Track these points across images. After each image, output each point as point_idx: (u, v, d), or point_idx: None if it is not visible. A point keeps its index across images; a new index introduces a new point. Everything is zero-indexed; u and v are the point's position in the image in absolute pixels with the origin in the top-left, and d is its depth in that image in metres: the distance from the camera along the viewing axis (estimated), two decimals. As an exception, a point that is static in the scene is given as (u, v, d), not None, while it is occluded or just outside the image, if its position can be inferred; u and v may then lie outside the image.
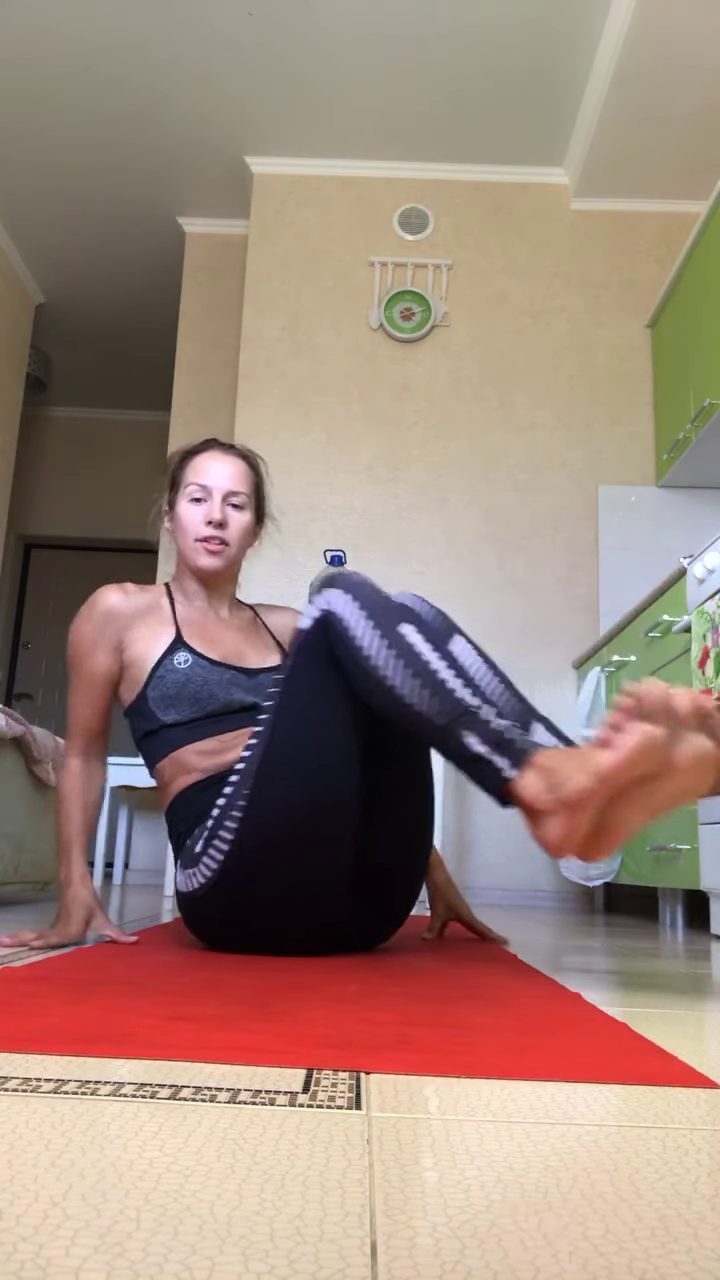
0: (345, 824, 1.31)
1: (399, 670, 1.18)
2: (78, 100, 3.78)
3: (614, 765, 0.98)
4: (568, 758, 1.05)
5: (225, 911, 1.36)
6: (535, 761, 1.08)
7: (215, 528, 1.57)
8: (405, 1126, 0.57)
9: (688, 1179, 0.50)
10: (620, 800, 1.03)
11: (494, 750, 1.11)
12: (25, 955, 1.30)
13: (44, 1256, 0.37)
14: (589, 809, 1.02)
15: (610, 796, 1.02)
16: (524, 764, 1.09)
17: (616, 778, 0.99)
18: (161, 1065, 0.69)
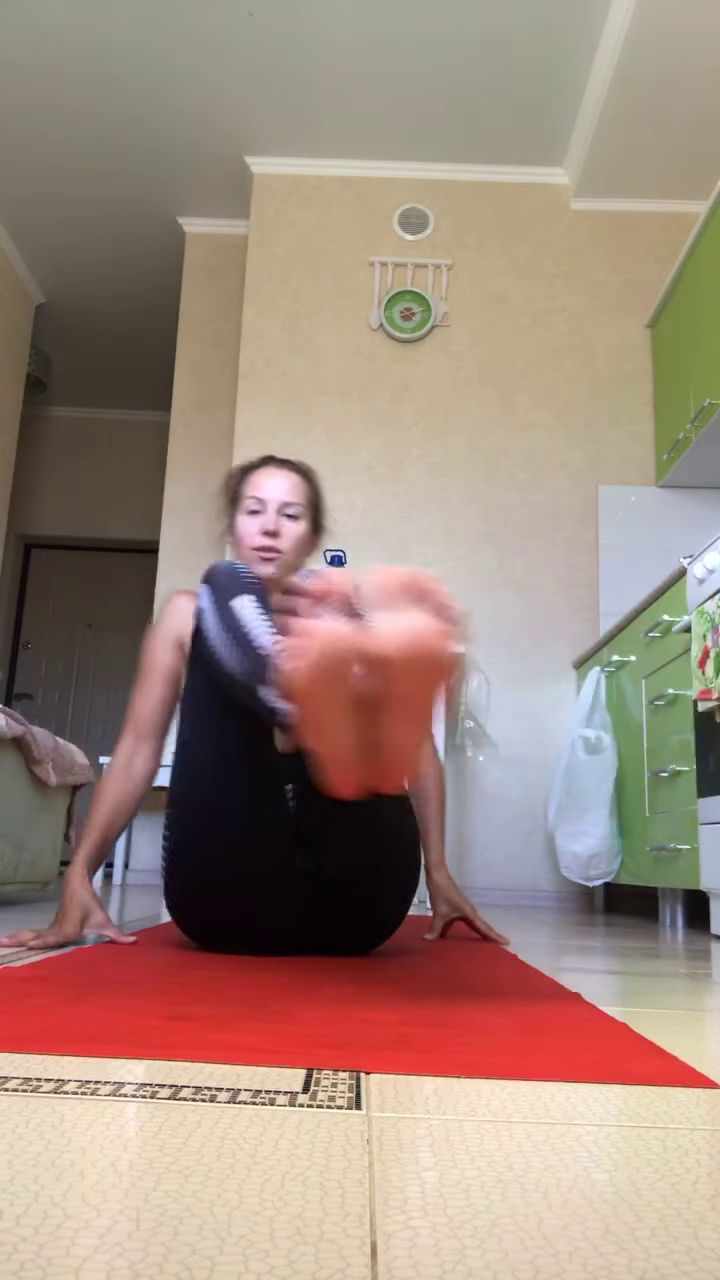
0: (241, 824, 1.32)
1: (225, 642, 1.23)
2: (78, 101, 3.78)
3: (300, 675, 0.96)
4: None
5: (180, 906, 1.42)
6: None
7: (269, 537, 1.62)
8: (405, 1126, 0.57)
9: (688, 1179, 0.50)
10: (367, 711, 1.00)
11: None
12: (25, 955, 1.30)
13: (44, 1256, 0.37)
14: (327, 735, 0.99)
15: (338, 709, 0.99)
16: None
17: (311, 686, 0.97)
18: (161, 1065, 0.69)
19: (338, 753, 1.02)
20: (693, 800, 2.42)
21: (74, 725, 6.12)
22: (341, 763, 1.03)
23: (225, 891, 1.35)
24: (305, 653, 0.97)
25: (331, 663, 0.97)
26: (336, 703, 0.99)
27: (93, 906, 1.46)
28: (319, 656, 0.96)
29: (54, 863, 2.69)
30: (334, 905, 1.38)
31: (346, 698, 1.00)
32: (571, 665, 3.68)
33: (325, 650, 0.96)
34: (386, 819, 1.39)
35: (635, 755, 2.94)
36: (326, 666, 0.97)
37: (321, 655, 0.96)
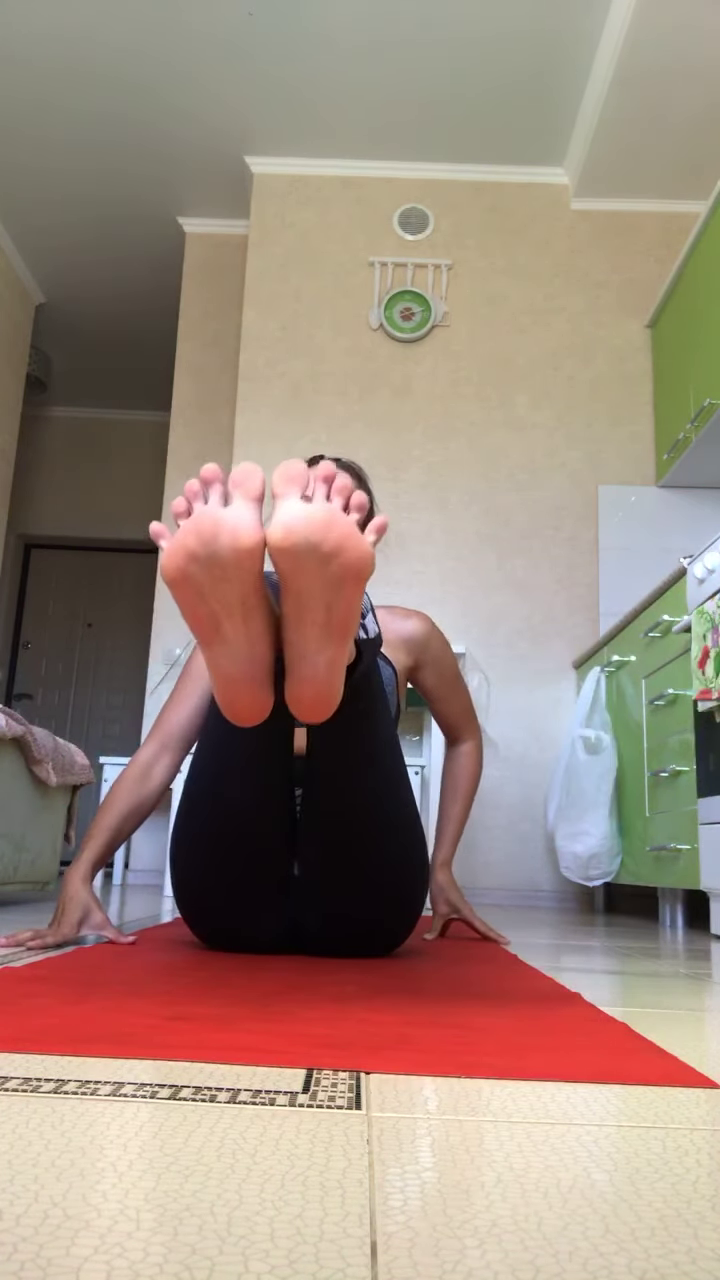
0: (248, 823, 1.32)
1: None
2: (78, 101, 3.78)
3: (170, 557, 0.93)
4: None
5: (184, 902, 1.41)
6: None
7: None
8: (405, 1126, 0.57)
9: (688, 1179, 0.50)
10: (276, 618, 0.98)
11: None
12: (24, 955, 1.30)
13: (44, 1256, 0.37)
14: (217, 643, 0.97)
15: (222, 608, 0.95)
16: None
17: (180, 574, 0.94)
18: (161, 1065, 0.69)
19: (228, 665, 0.98)
20: (693, 800, 2.42)
21: (74, 725, 6.12)
22: (232, 678, 0.99)
23: (219, 890, 1.35)
24: (179, 535, 0.94)
25: (201, 547, 0.92)
26: (219, 600, 0.95)
27: (92, 907, 1.45)
28: (188, 537, 0.93)
29: (54, 863, 2.69)
30: (328, 914, 1.36)
31: (233, 597, 0.95)
32: (571, 665, 3.68)
33: (196, 531, 0.92)
34: (387, 830, 1.35)
35: (635, 755, 2.94)
36: (193, 550, 0.93)
37: (191, 536, 0.92)
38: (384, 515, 1.02)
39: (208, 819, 1.34)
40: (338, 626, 0.99)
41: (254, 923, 1.36)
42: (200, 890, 1.36)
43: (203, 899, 1.37)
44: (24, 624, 6.30)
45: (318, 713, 1.03)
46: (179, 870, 1.39)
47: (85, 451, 6.32)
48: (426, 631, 1.76)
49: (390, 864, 1.35)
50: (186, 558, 0.93)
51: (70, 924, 1.42)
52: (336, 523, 0.94)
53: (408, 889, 1.37)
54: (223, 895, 1.35)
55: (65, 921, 1.42)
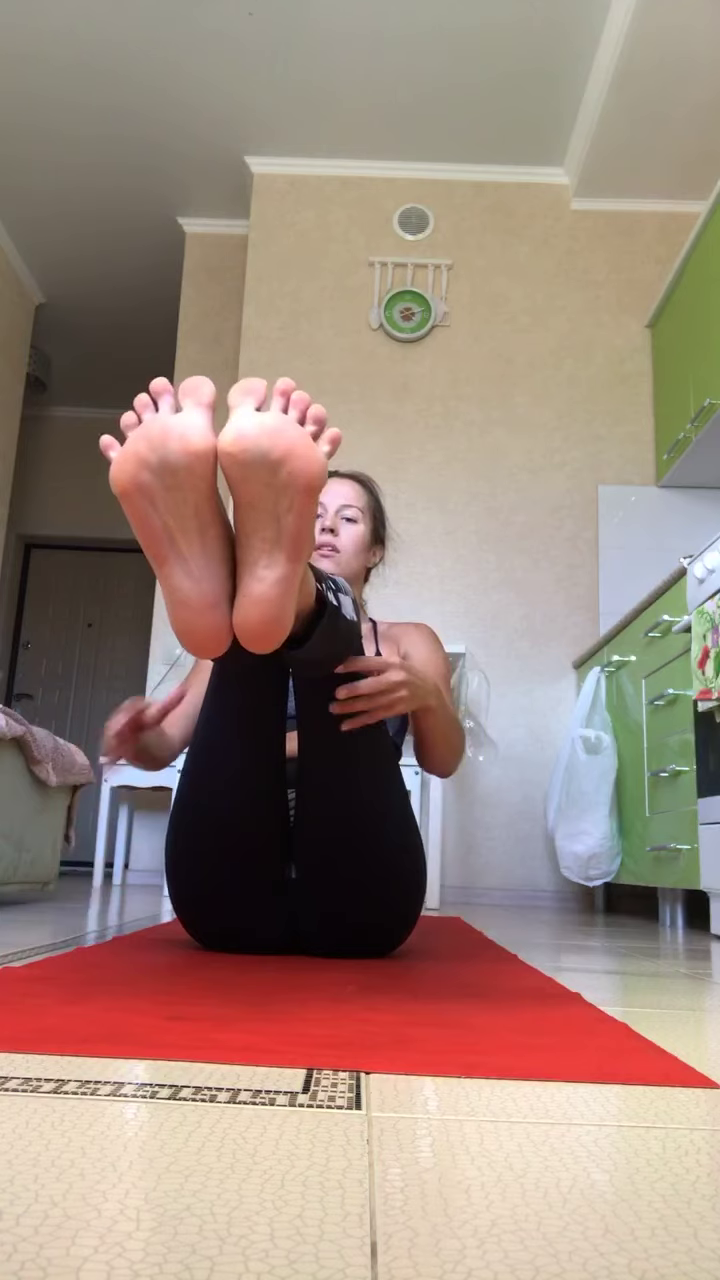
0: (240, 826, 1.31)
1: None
2: (78, 100, 3.78)
3: (113, 472, 0.92)
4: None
5: (180, 903, 1.40)
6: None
7: (327, 534, 1.67)
8: (405, 1126, 0.57)
9: (688, 1179, 0.50)
10: (213, 535, 0.97)
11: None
12: (26, 955, 1.30)
13: (44, 1256, 0.37)
14: (168, 563, 0.95)
15: (173, 520, 0.94)
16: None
17: (127, 486, 0.92)
18: (161, 1065, 0.69)
19: (185, 585, 0.96)
20: (693, 800, 2.42)
21: (74, 725, 6.12)
22: (189, 600, 0.97)
23: (216, 893, 1.34)
24: (129, 442, 0.92)
25: (152, 453, 0.91)
26: (172, 510, 0.94)
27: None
28: (138, 443, 0.92)
29: (54, 863, 2.69)
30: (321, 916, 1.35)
31: (187, 507, 0.94)
32: (571, 665, 3.68)
33: (146, 437, 0.91)
34: (382, 831, 1.34)
35: (635, 755, 2.94)
36: (143, 456, 0.91)
37: (141, 442, 0.91)
38: (336, 429, 1.00)
39: (201, 820, 1.33)
40: (288, 541, 0.96)
41: (251, 925, 1.36)
42: (196, 892, 1.36)
43: (199, 901, 1.37)
44: (24, 624, 6.30)
45: (265, 639, 0.99)
46: (174, 872, 1.38)
47: (85, 451, 6.32)
48: (419, 629, 1.77)
49: (387, 865, 1.34)
50: (137, 464, 0.92)
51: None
52: (287, 431, 0.93)
53: (404, 890, 1.37)
54: (218, 897, 1.34)
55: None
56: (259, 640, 0.99)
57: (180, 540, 0.96)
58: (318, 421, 0.97)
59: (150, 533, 0.95)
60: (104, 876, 4.03)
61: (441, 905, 3.23)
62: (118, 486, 0.94)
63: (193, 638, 1.00)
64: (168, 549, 0.96)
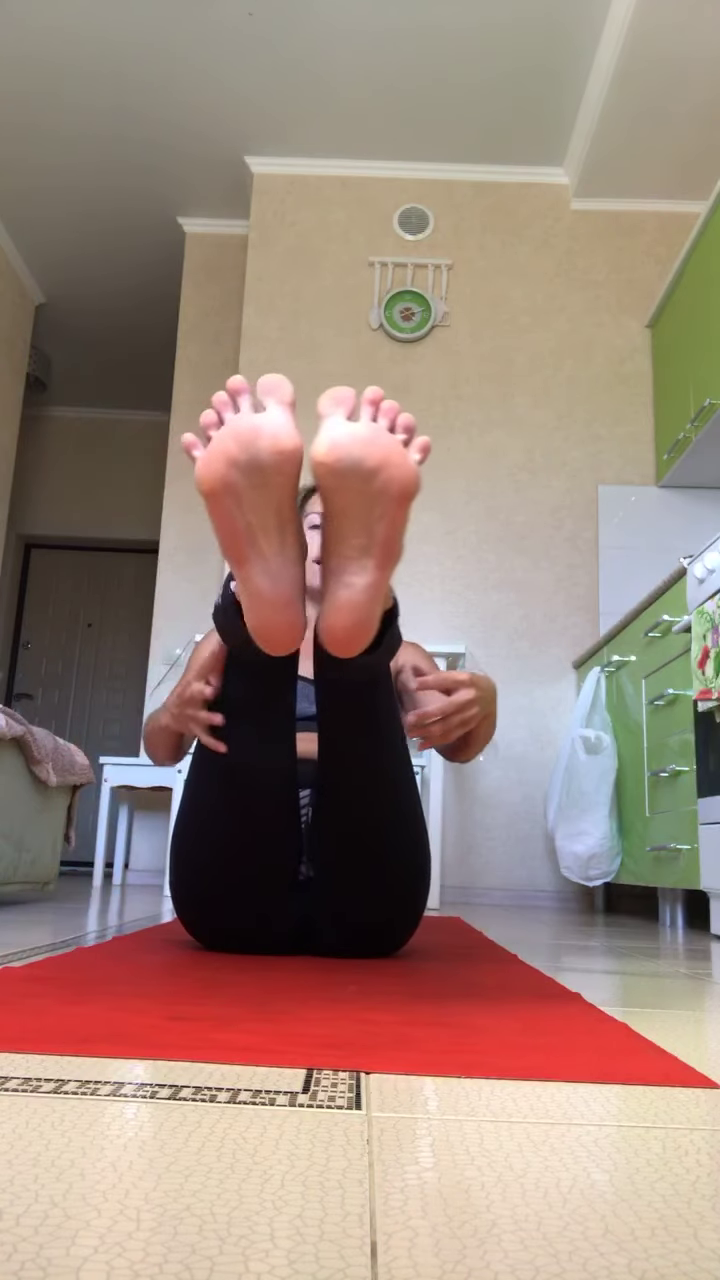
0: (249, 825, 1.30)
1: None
2: (78, 101, 3.78)
3: (201, 471, 0.92)
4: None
5: (183, 904, 1.40)
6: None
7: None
8: (405, 1126, 0.57)
9: (688, 1179, 0.50)
10: (305, 543, 0.96)
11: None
12: (26, 955, 1.30)
13: (44, 1256, 0.37)
14: (248, 562, 0.94)
15: (256, 520, 0.93)
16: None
17: (215, 485, 0.92)
18: (161, 1065, 0.69)
19: (264, 583, 0.96)
20: (693, 800, 2.42)
21: (74, 725, 6.12)
22: (268, 598, 0.96)
23: (225, 894, 1.34)
24: (218, 440, 0.92)
25: (241, 452, 0.91)
26: (255, 510, 0.93)
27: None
28: (228, 442, 0.91)
29: (54, 863, 2.69)
30: (334, 914, 1.35)
31: (270, 506, 0.93)
32: (571, 665, 3.68)
33: (235, 435, 0.91)
34: (398, 831, 1.34)
35: (635, 755, 2.94)
36: (233, 455, 0.91)
37: (230, 441, 0.91)
38: (425, 437, 1.01)
39: (209, 819, 1.33)
40: (379, 548, 0.97)
41: (260, 923, 1.36)
42: (203, 891, 1.36)
43: (205, 899, 1.36)
44: (24, 624, 6.30)
45: (351, 643, 1.00)
46: (181, 870, 1.38)
47: (85, 451, 6.32)
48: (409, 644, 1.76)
49: (401, 863, 1.35)
50: (227, 464, 0.92)
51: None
52: (381, 440, 0.93)
53: (416, 889, 1.38)
54: (226, 894, 1.34)
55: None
56: (345, 645, 1.00)
57: (261, 539, 0.96)
58: (407, 430, 0.97)
59: (233, 532, 0.96)
60: (104, 876, 4.03)
61: (441, 905, 3.23)
62: (205, 485, 0.94)
63: (270, 635, 1.00)
64: (248, 548, 0.96)
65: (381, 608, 1.02)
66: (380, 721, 1.29)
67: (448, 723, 1.23)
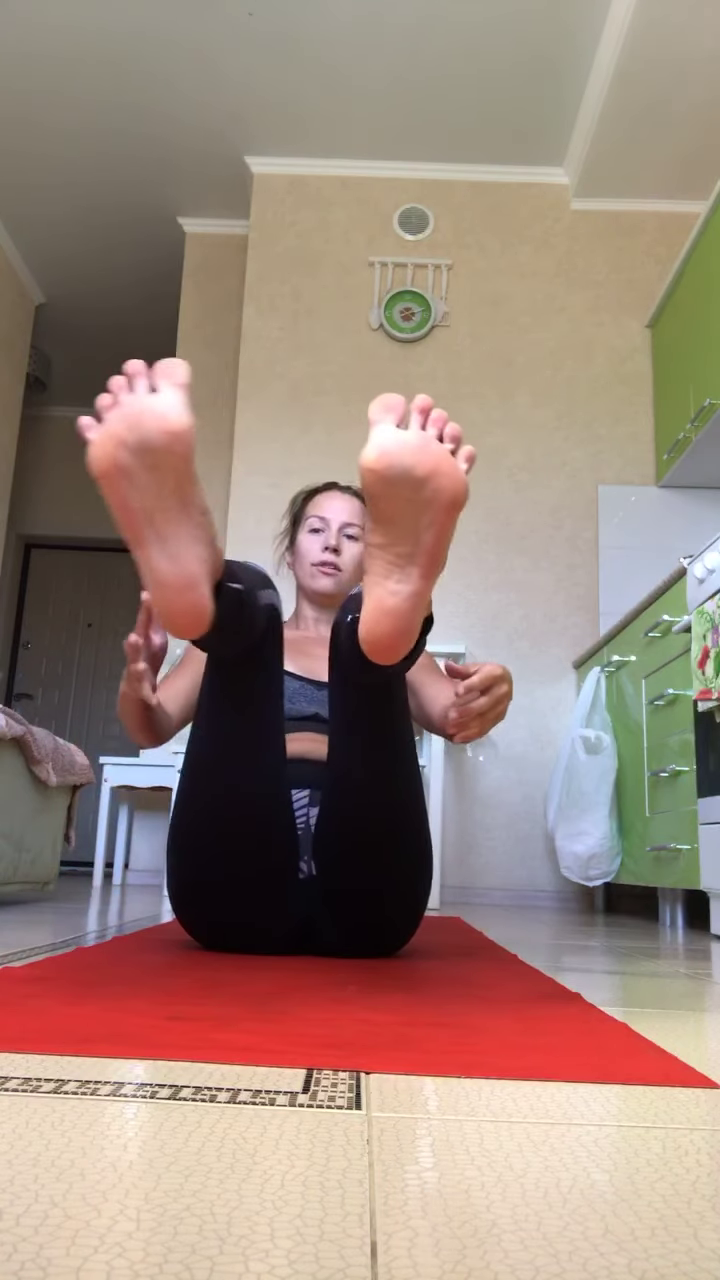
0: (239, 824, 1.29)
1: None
2: (78, 101, 3.78)
3: (92, 453, 0.92)
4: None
5: (180, 904, 1.39)
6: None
7: (330, 553, 1.66)
8: (405, 1126, 0.57)
9: (688, 1179, 0.50)
10: (212, 523, 0.96)
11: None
12: (26, 955, 1.30)
13: (44, 1256, 0.37)
14: (150, 538, 0.94)
15: (140, 502, 0.93)
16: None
17: (106, 467, 0.92)
18: (161, 1065, 0.69)
19: (165, 565, 0.95)
20: (693, 800, 2.42)
21: (74, 725, 6.12)
22: (169, 580, 0.96)
23: (220, 892, 1.34)
24: (107, 423, 0.92)
25: (130, 433, 0.91)
26: (151, 490, 0.93)
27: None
28: (116, 424, 0.91)
29: (54, 863, 2.69)
30: (338, 913, 1.35)
31: (167, 486, 0.93)
32: (571, 665, 3.68)
33: (123, 418, 0.91)
34: (403, 831, 1.34)
35: (635, 755, 2.94)
36: (122, 437, 0.91)
37: (119, 423, 0.91)
38: (471, 446, 1.01)
39: (201, 816, 1.33)
40: (424, 556, 0.97)
41: (257, 921, 1.36)
42: (198, 890, 1.36)
43: (200, 897, 1.36)
44: (24, 624, 6.30)
45: (392, 651, 1.00)
46: (176, 868, 1.38)
47: (85, 451, 6.32)
48: None
49: (404, 864, 1.35)
50: (116, 445, 0.93)
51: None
52: (431, 449, 0.93)
53: (416, 888, 1.38)
54: (220, 892, 1.34)
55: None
56: (386, 652, 1.00)
57: (159, 520, 0.96)
58: (455, 439, 0.97)
59: (129, 513, 0.96)
60: (104, 876, 4.03)
61: (441, 905, 3.23)
62: (96, 467, 0.94)
63: (173, 618, 1.00)
64: (146, 529, 0.96)
65: (423, 615, 1.02)
66: (393, 722, 1.29)
67: (485, 719, 1.26)
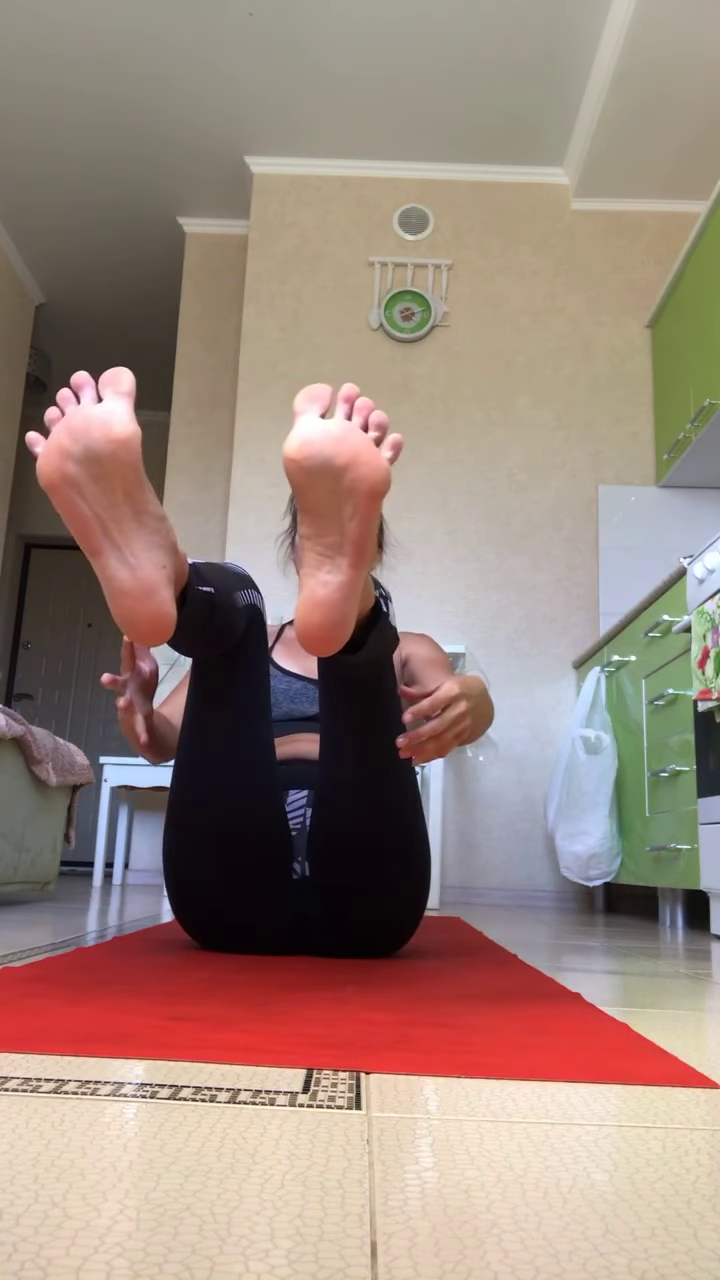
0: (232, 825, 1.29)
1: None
2: (78, 101, 3.78)
3: (40, 466, 0.92)
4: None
5: (178, 904, 1.39)
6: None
7: None
8: (405, 1126, 0.57)
9: (688, 1179, 0.50)
10: (168, 528, 0.97)
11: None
12: (26, 955, 1.30)
13: (44, 1256, 0.37)
14: (105, 547, 0.94)
15: (88, 507, 0.93)
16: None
17: (54, 479, 0.92)
18: (161, 1065, 0.69)
19: (122, 573, 0.95)
20: (693, 800, 2.42)
21: (74, 725, 6.12)
22: (127, 588, 0.95)
23: (212, 891, 1.34)
24: (53, 435, 0.92)
25: (75, 443, 0.91)
26: (101, 501, 0.93)
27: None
28: (61, 436, 0.91)
29: (54, 863, 2.69)
30: (334, 913, 1.35)
31: (117, 494, 0.93)
32: (571, 665, 3.68)
33: (68, 429, 0.91)
34: (398, 830, 1.33)
35: (635, 755, 2.94)
36: (66, 448, 0.91)
37: (64, 435, 0.91)
38: (398, 434, 1.01)
39: (193, 817, 1.33)
40: (351, 547, 0.97)
41: (251, 921, 1.36)
42: (192, 890, 1.35)
43: (196, 898, 1.36)
44: (24, 624, 6.30)
45: (326, 642, 1.00)
46: (171, 869, 1.38)
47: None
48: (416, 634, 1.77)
49: (401, 863, 1.34)
50: (61, 456, 0.92)
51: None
52: (351, 438, 0.94)
53: (414, 888, 1.37)
54: (215, 893, 1.34)
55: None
56: (320, 644, 1.00)
57: (113, 529, 0.96)
58: (380, 428, 0.97)
59: (82, 523, 0.95)
60: (104, 876, 4.03)
61: (441, 905, 3.23)
62: (44, 479, 0.94)
63: (135, 626, 0.99)
64: (101, 539, 0.96)
65: (357, 606, 1.02)
66: (382, 720, 1.29)
67: (441, 741, 1.21)
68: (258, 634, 1.27)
